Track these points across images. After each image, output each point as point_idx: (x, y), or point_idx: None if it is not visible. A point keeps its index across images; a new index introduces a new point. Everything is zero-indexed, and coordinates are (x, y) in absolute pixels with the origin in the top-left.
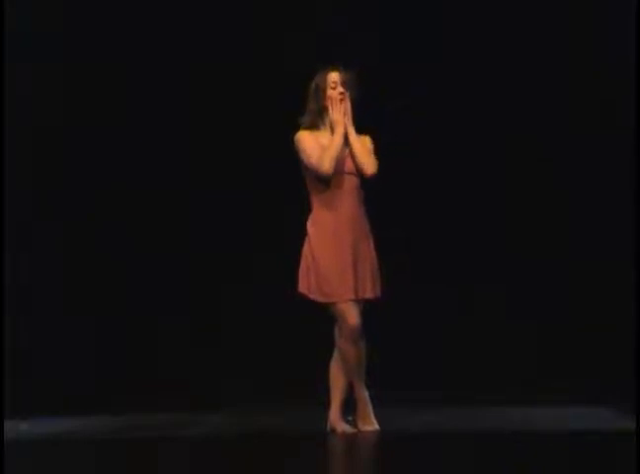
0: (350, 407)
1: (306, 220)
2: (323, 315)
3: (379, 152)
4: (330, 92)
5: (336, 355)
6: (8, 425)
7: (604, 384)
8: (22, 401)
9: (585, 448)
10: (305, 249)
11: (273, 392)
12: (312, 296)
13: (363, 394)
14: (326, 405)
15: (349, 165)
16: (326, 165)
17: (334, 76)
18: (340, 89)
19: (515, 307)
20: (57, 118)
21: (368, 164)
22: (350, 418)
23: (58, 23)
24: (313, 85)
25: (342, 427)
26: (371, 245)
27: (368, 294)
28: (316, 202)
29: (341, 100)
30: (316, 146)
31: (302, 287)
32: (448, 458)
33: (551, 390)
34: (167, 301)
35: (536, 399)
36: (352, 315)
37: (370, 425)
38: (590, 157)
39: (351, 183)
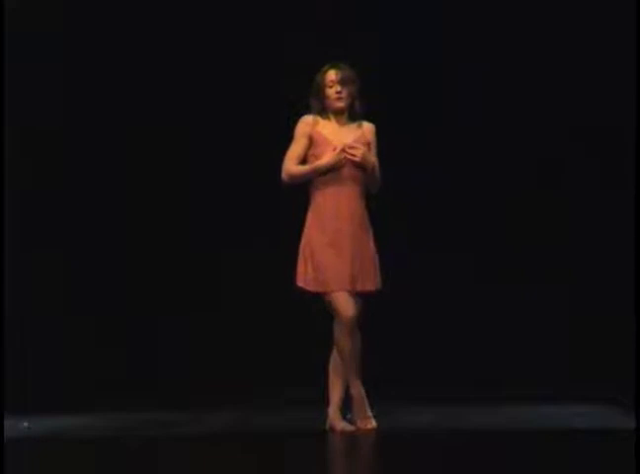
0: (349, 405)
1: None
2: (322, 314)
3: (381, 152)
4: (327, 91)
5: (334, 353)
6: (8, 423)
7: (605, 383)
8: (22, 400)
9: (585, 447)
10: (303, 240)
11: (273, 392)
12: (309, 288)
13: (359, 390)
14: (325, 404)
15: None
16: (284, 175)
17: (331, 74)
18: (337, 88)
19: (515, 306)
20: (57, 118)
21: (373, 185)
22: (349, 416)
23: (58, 23)
24: (314, 83)
25: (341, 425)
26: (371, 237)
27: (368, 287)
28: (315, 192)
29: (337, 98)
30: (301, 143)
31: (300, 280)
32: (448, 458)
33: (551, 389)
34: (167, 301)
35: (537, 398)
36: (347, 306)
37: (368, 421)
38: (590, 158)
39: (351, 173)
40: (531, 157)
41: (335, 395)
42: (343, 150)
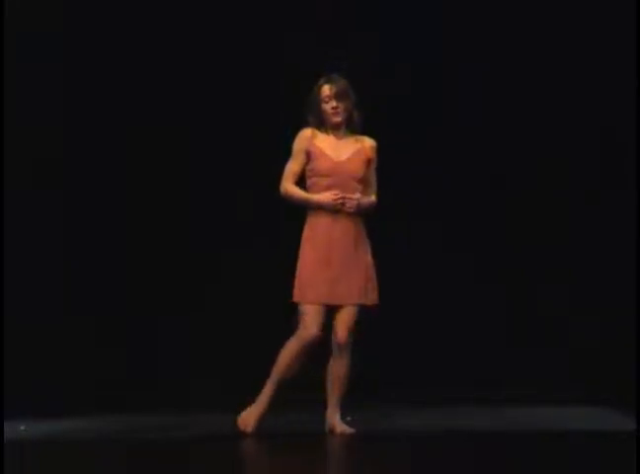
0: (347, 407)
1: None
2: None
3: (382, 150)
4: (324, 106)
5: (332, 357)
6: (7, 425)
7: (604, 384)
8: (21, 401)
9: (585, 448)
10: (299, 253)
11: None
12: (294, 298)
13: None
14: (324, 406)
15: (349, 169)
16: (282, 191)
17: (326, 89)
18: (333, 103)
19: (515, 307)
20: (57, 119)
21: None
22: (348, 418)
23: (58, 23)
24: (310, 98)
25: (340, 427)
26: (368, 252)
27: (364, 300)
28: (313, 208)
29: (333, 113)
30: (299, 160)
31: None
32: (448, 458)
33: (551, 390)
34: (167, 301)
35: (536, 399)
36: (313, 323)
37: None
38: (590, 158)
39: (349, 186)
40: (532, 157)
41: (333, 397)
42: (342, 198)
